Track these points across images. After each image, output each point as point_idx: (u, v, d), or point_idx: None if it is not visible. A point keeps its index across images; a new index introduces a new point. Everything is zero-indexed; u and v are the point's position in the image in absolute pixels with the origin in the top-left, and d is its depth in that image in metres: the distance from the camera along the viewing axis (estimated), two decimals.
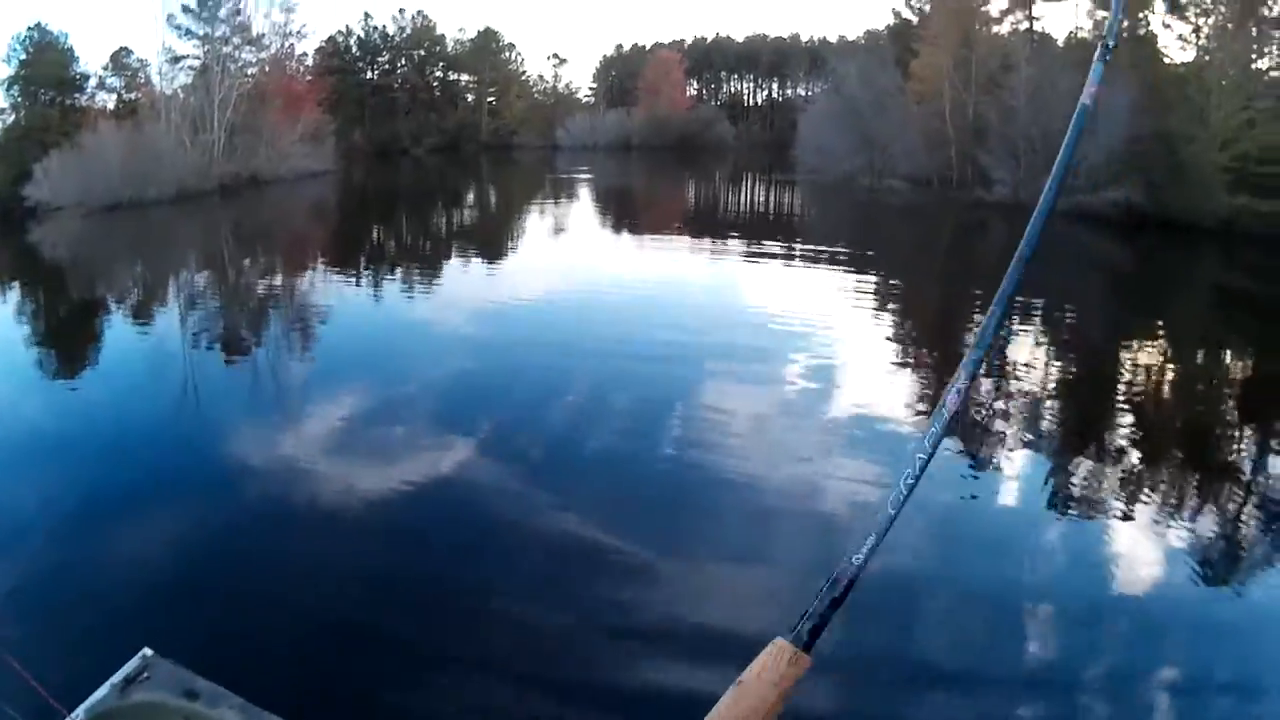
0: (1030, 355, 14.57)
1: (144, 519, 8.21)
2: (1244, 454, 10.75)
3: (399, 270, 24.70)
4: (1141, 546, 7.97)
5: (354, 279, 23.06)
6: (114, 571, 7.20)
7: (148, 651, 2.98)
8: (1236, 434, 11.70)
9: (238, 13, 49.39)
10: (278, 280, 23.32)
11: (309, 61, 63.65)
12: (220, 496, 8.80)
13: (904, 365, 14.54)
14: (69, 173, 34.16)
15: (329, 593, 6.90)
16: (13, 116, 44.43)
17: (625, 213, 40.52)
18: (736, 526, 8.39)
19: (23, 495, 8.73)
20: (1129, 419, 11.76)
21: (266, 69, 51.51)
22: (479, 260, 26.46)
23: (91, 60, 64.34)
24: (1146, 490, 9.28)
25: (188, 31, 48.74)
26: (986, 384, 13.08)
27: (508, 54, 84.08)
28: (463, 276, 23.91)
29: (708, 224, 35.51)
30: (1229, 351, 16.35)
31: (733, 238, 30.44)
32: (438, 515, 8.54)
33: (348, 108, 69.75)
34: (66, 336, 17.11)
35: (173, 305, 19.85)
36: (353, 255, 27.24)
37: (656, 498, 8.95)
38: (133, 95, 50.16)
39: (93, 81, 49.94)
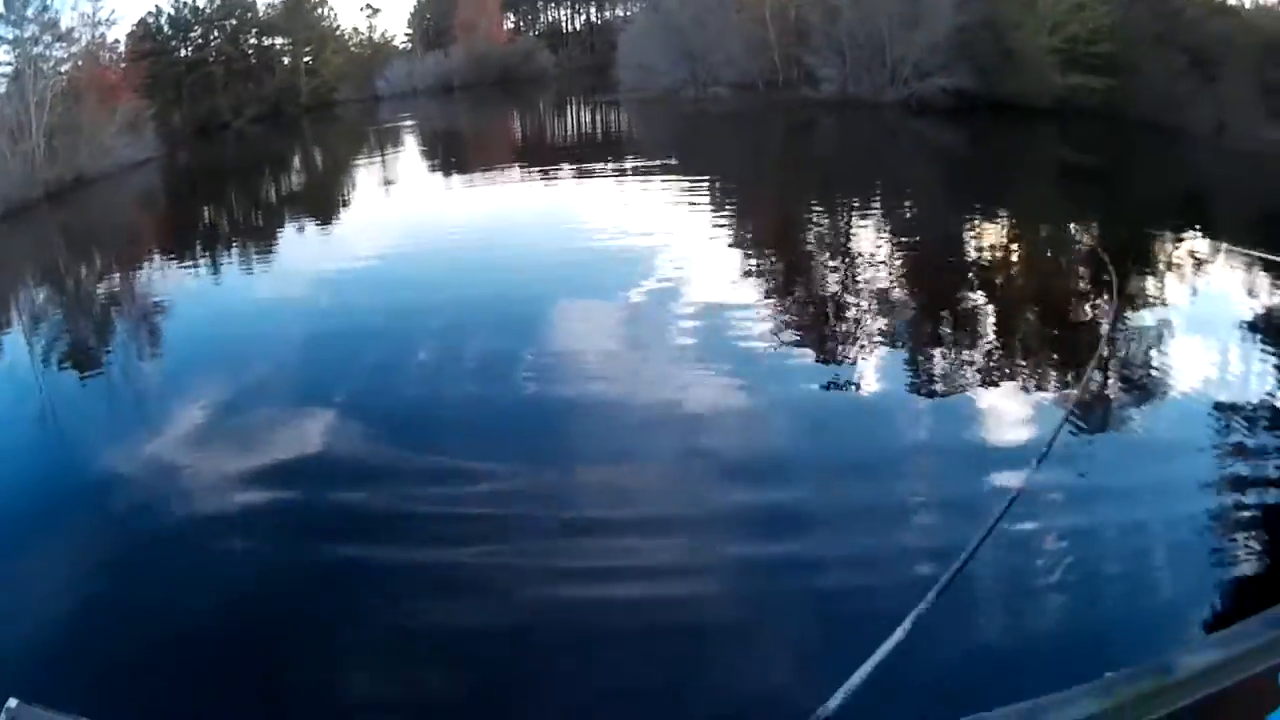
0: (871, 247, 15.56)
1: (17, 554, 8.05)
2: (1092, 317, 11.53)
3: (233, 248, 24.80)
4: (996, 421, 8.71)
5: (190, 265, 22.93)
6: None
7: (12, 703, 2.66)
8: (1083, 299, 12.57)
9: (45, 8, 47.80)
10: (116, 281, 23.05)
11: (120, 49, 61.87)
12: (94, 516, 8.71)
13: (748, 269, 15.23)
14: None
15: (218, 600, 6.94)
16: None
17: (452, 153, 40.91)
18: (603, 441, 9.13)
19: None
20: (975, 297, 12.62)
21: (79, 63, 49.87)
22: (312, 225, 26.68)
23: None
24: (1002, 365, 10.10)
25: None
26: (834, 279, 13.90)
27: (320, 10, 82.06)
28: (298, 244, 24.18)
29: (536, 153, 36.16)
30: (1069, 222, 17.21)
31: (563, 163, 30.86)
32: (311, 490, 8.65)
33: (165, 90, 67.55)
34: None
35: (15, 328, 19.24)
36: (186, 241, 26.91)
37: (523, 429, 9.55)
38: None
39: None
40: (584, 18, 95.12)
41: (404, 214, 25.44)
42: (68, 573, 7.50)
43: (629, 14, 73.53)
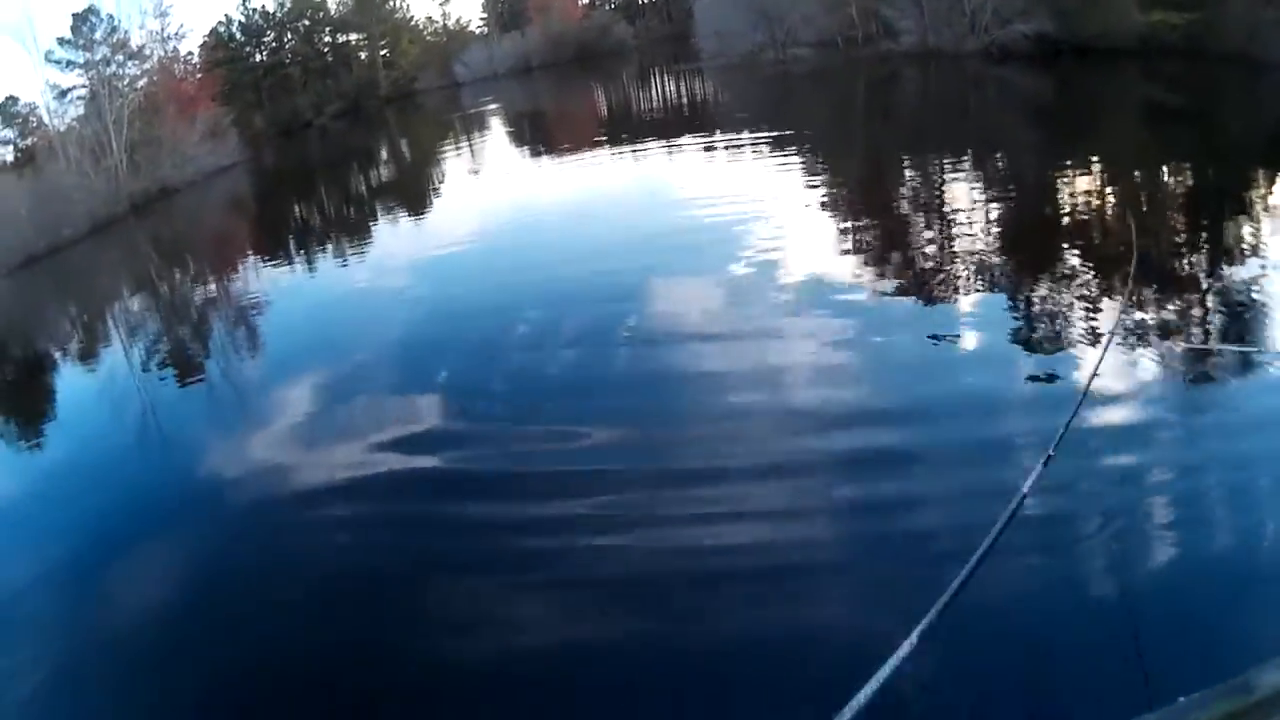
0: (968, 204, 14.46)
1: (139, 559, 8.16)
2: (1199, 263, 10.68)
3: (327, 243, 24.40)
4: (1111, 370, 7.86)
5: (284, 263, 22.71)
6: (133, 616, 7.12)
7: None
8: (1186, 243, 11.60)
9: (113, 31, 48.34)
10: (209, 285, 23.01)
11: (195, 60, 62.77)
12: (203, 516, 8.72)
13: (844, 230, 14.46)
14: None
15: (362, 555, 7.36)
16: None
17: (538, 133, 40.31)
18: (708, 396, 8.92)
19: (15, 564, 8.60)
20: (1077, 248, 11.70)
21: (154, 78, 50.42)
22: (404, 214, 26.23)
23: None
24: (1107, 313, 9.23)
25: (68, 63, 47.91)
26: (929, 235, 13.13)
27: (392, 3, 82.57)
28: (390, 234, 23.77)
29: (622, 127, 35.23)
30: (1164, 165, 16.02)
31: (650, 137, 30.04)
32: (430, 458, 8.69)
33: (243, 95, 68.57)
34: (15, 401, 16.71)
35: (114, 340, 19.43)
36: (278, 239, 26.89)
37: (628, 390, 9.45)
38: (28, 141, 49.26)
39: None
40: None
41: (495, 197, 24.81)
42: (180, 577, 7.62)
43: None
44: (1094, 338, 8.70)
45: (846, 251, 13.20)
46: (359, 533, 7.82)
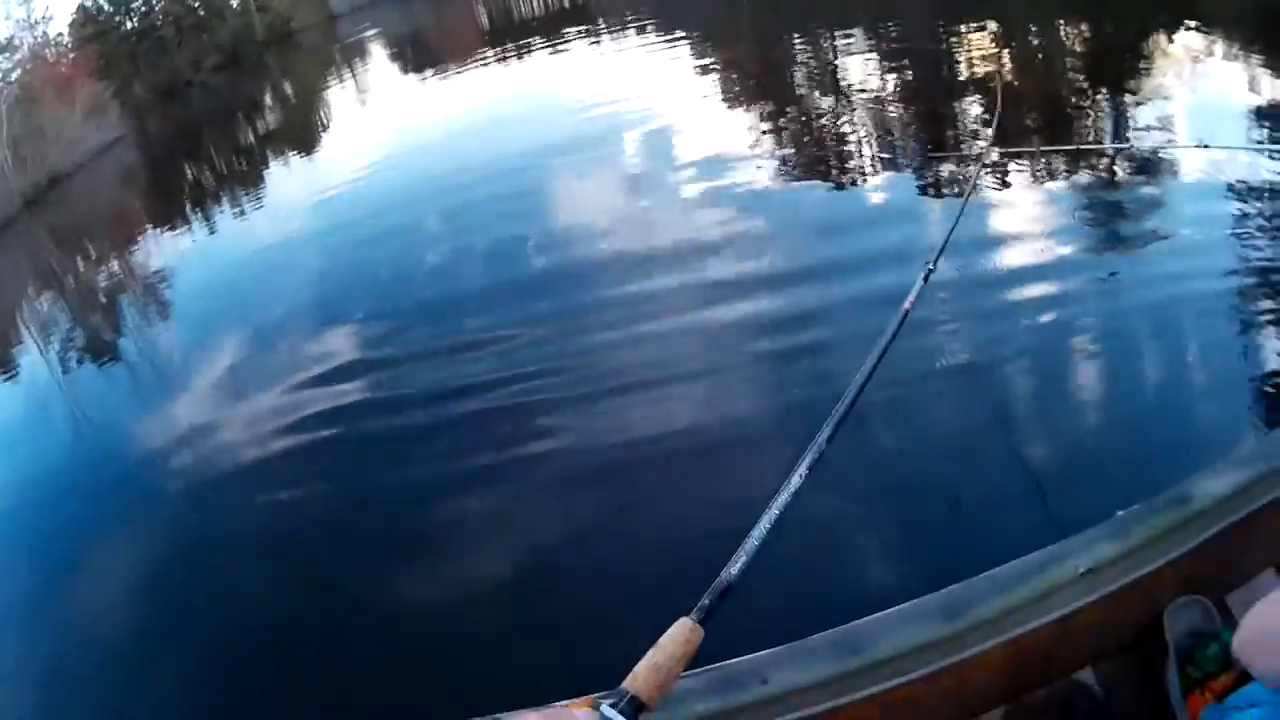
0: (863, 76, 14.52)
1: (75, 550, 8.13)
2: (1098, 114, 11.06)
3: (222, 200, 23.85)
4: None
5: (183, 228, 22.17)
6: (86, 602, 7.22)
7: None
8: (1085, 98, 11.93)
9: None
10: (113, 266, 22.45)
11: (66, 40, 61.10)
12: (142, 495, 8.72)
13: (738, 116, 14.78)
14: None
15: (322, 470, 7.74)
16: None
17: (421, 54, 39.82)
18: (617, 280, 9.46)
19: None
20: (975, 109, 11.90)
21: (28, 67, 49.08)
22: (297, 156, 25.87)
23: None
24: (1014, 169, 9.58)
25: None
26: (827, 110, 13.14)
27: None
28: (286, 178, 23.44)
29: (506, 35, 35.21)
30: (1065, 25, 16.13)
31: (534, 42, 29.96)
32: (354, 407, 8.76)
33: (120, 66, 66.65)
34: None
35: (27, 340, 18.81)
36: (174, 206, 26.10)
37: (542, 292, 9.73)
38: None
39: None
40: None
41: (384, 124, 24.76)
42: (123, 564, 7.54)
43: None
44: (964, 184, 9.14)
45: (740, 131, 13.39)
46: (301, 476, 7.91)
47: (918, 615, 2.46)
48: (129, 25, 74.26)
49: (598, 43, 25.54)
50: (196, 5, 77.40)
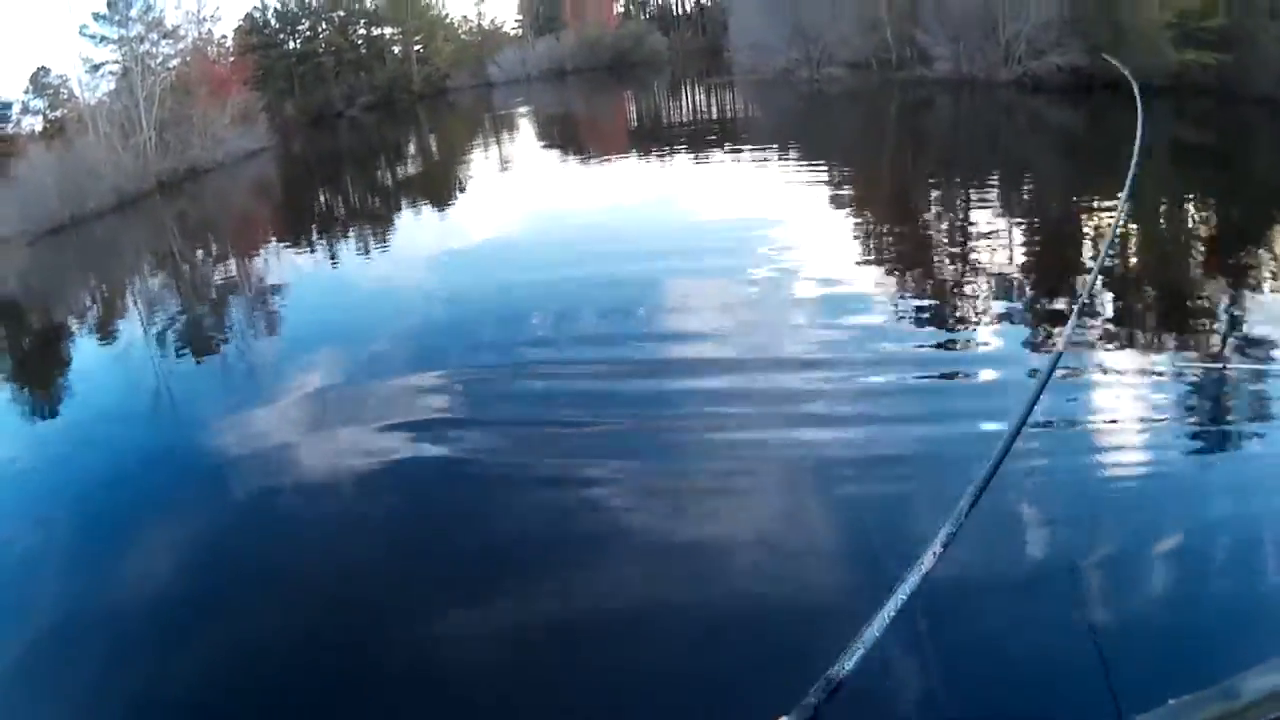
0: (990, 229, 14.46)
1: (145, 527, 8.28)
2: (1220, 301, 10.58)
3: (350, 232, 24.48)
4: (1128, 403, 8.05)
5: (306, 249, 22.77)
6: (134, 584, 7.24)
7: None
8: (1210, 281, 11.53)
9: (149, 9, 48.45)
10: (231, 266, 22.96)
11: (229, 44, 63.06)
12: (209, 495, 8.75)
13: (867, 250, 14.51)
14: (6, 204, 33.40)
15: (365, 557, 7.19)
16: None
17: (568, 138, 40.08)
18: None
19: (19, 531, 8.70)
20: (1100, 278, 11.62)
21: (187, 59, 50.55)
22: (429, 209, 26.23)
23: (10, 87, 63.53)
24: (1130, 347, 9.23)
25: (102, 38, 47.98)
26: (952, 263, 13.10)
27: (427, 0, 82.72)
28: (414, 227, 23.68)
29: (652, 137, 35.13)
30: (1190, 203, 16.03)
31: (679, 148, 29.96)
32: (427, 462, 8.60)
33: (276, 81, 68.75)
34: (34, 370, 16.73)
35: (132, 315, 19.53)
36: (301, 226, 26.87)
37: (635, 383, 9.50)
38: (59, 113, 49.41)
39: (15, 108, 49.42)
40: (694, 0, 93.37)
41: (521, 196, 24.80)
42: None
43: None
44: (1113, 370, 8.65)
45: (864, 266, 13.21)
46: (363, 514, 7.89)
47: None
48: (292, 45, 76.73)
49: (740, 158, 25.71)
50: (360, 43, 79.86)
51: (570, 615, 5.96)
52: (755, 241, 14.39)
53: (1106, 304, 10.49)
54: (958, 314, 10.75)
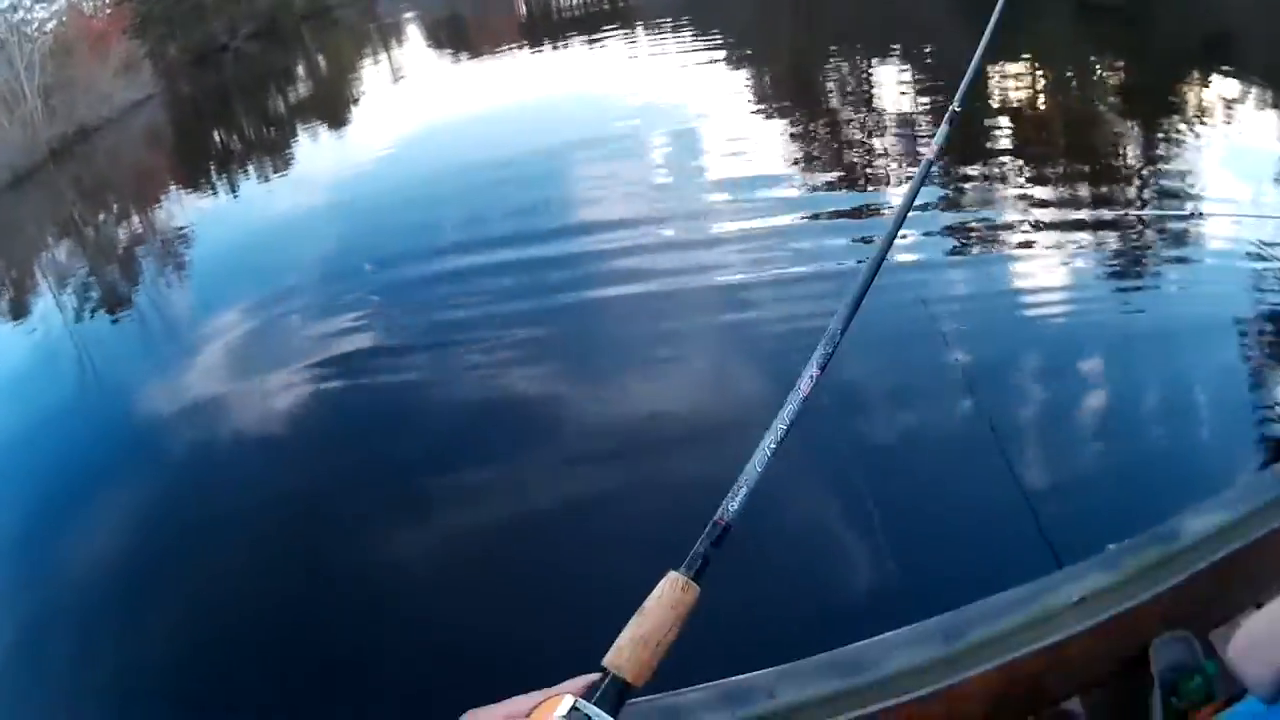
0: (896, 98, 14.46)
1: (93, 496, 8.22)
2: (1127, 159, 10.93)
3: (248, 166, 24.08)
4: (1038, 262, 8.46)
5: (208, 191, 22.33)
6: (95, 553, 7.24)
7: None
8: (1117, 141, 11.86)
9: None
10: (135, 221, 22.56)
11: None
12: (146, 456, 8.81)
13: (769, 120, 14.74)
14: None
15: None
16: None
17: (458, 39, 39.42)
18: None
19: None
20: (1007, 141, 11.87)
21: (63, 20, 49.09)
22: (325, 130, 25.91)
23: None
24: (1036, 209, 9.53)
25: None
26: (858, 133, 13.10)
27: None
28: (312, 151, 23.46)
29: (545, 30, 34.89)
30: (1095, 62, 16.18)
31: (571, 36, 29.88)
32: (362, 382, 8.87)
33: (156, 26, 66.53)
34: None
35: (42, 288, 19.14)
36: (200, 168, 26.18)
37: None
38: None
39: None
40: None
41: (416, 105, 24.65)
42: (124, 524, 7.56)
43: None
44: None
45: (772, 140, 13.25)
46: (302, 447, 8.05)
47: (916, 638, 2.50)
48: None
49: (634, 43, 25.49)
50: None
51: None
52: (655, 123, 14.61)
53: (1003, 158, 10.96)
54: (859, 165, 11.30)
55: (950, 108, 3.32)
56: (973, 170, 10.63)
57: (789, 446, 1.55)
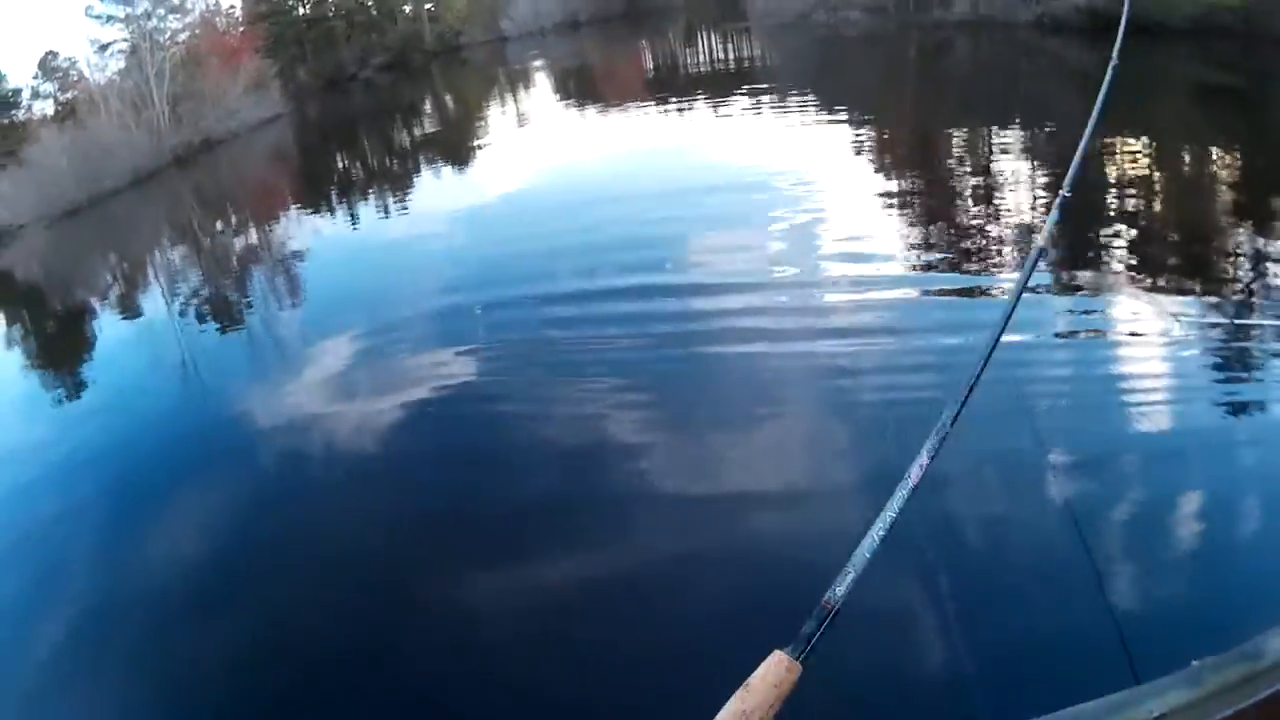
0: (1012, 175, 14.19)
1: (176, 499, 8.36)
2: (1243, 249, 10.37)
3: (369, 194, 24.31)
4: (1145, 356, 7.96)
5: (326, 214, 22.70)
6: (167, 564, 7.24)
7: None
8: (1233, 228, 11.30)
9: None
10: (251, 235, 23.04)
11: (237, 13, 62.97)
12: (239, 465, 8.83)
13: (887, 193, 14.19)
14: (22, 189, 33.64)
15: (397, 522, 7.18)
16: None
17: (584, 90, 39.66)
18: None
19: (46, 508, 8.81)
20: (1121, 225, 11.39)
21: (196, 31, 50.61)
22: (447, 167, 26.09)
23: (20, 74, 63.67)
24: (1146, 292, 9.10)
25: (109, 18, 47.85)
26: (974, 210, 12.85)
27: None
28: (433, 187, 23.61)
29: (670, 86, 34.74)
30: (1215, 148, 15.42)
31: (697, 96, 29.73)
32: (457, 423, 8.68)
33: (287, 48, 68.49)
34: (59, 351, 16.92)
35: (155, 290, 19.62)
36: (320, 191, 26.85)
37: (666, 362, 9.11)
38: (69, 95, 49.42)
39: (25, 94, 49.37)
40: None
41: (539, 151, 24.66)
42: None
43: None
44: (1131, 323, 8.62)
45: (887, 212, 12.94)
46: (396, 476, 7.94)
47: None
48: (301, 11, 76.40)
49: (758, 106, 25.36)
50: (370, 4, 79.42)
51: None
52: (777, 187, 14.24)
53: (1116, 242, 10.60)
54: (970, 245, 10.94)
55: (1060, 192, 3.09)
56: (1082, 254, 10.25)
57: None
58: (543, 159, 22.21)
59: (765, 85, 29.72)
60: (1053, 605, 5.12)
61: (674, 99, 29.39)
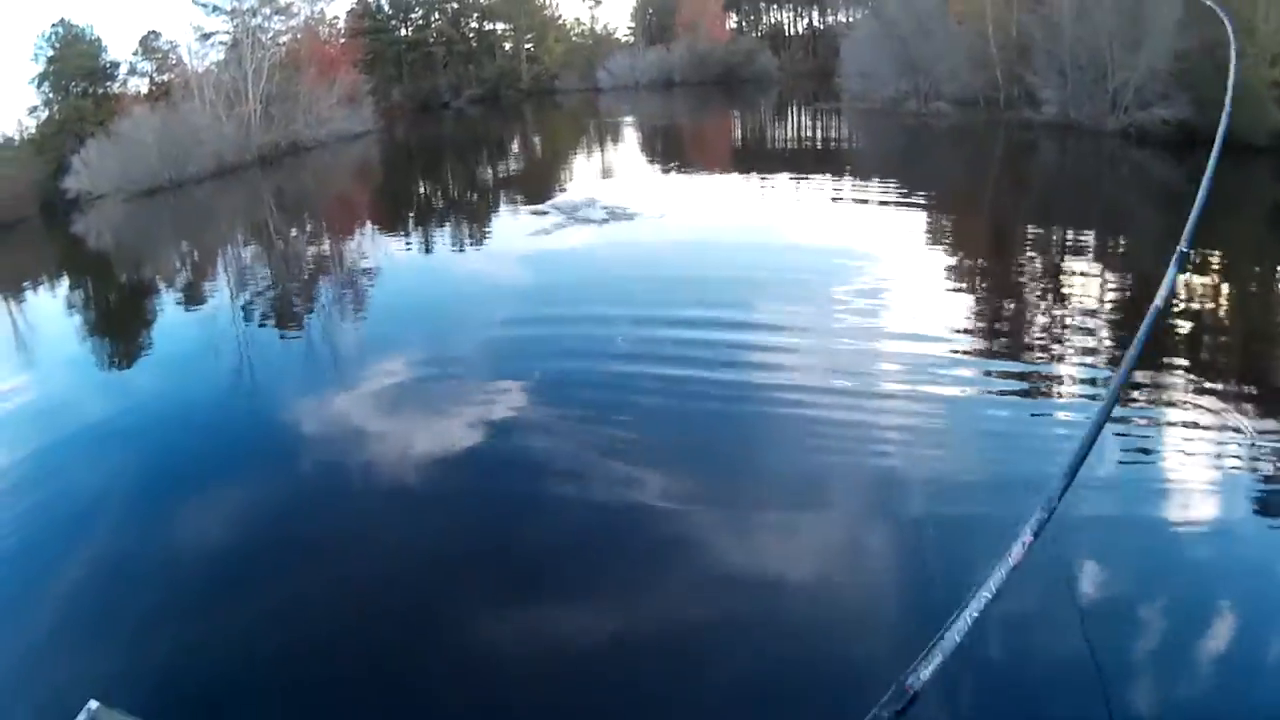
0: (1081, 288, 14.02)
1: (211, 496, 8.36)
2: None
3: (446, 224, 24.48)
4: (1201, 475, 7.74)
5: (400, 237, 22.85)
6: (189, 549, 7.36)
7: (93, 704, 2.91)
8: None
9: None
10: (324, 245, 23.20)
11: (340, 25, 63.99)
12: (278, 467, 8.93)
13: (955, 290, 14.09)
14: (107, 160, 34.30)
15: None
16: (46, 112, 46.08)
17: (671, 151, 39.69)
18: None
19: (85, 481, 8.98)
20: (1186, 345, 11.19)
21: (298, 36, 51.46)
22: (526, 209, 25.76)
23: (121, 48, 65.15)
24: (1208, 414, 8.81)
25: (215, 8, 48.90)
26: (1040, 318, 12.70)
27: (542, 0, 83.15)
28: (512, 224, 23.42)
29: (755, 156, 34.84)
30: None
31: (781, 171, 29.50)
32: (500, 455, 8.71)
33: (385, 67, 69.57)
34: (117, 324, 17.26)
35: (221, 282, 19.83)
36: (398, 212, 27.01)
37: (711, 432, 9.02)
38: (165, 77, 50.32)
39: (123, 69, 50.76)
40: (806, 21, 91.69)
41: (620, 204, 24.30)
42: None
43: (851, 19, 71.07)
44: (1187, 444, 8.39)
45: (952, 312, 12.71)
46: (429, 503, 7.95)
47: None
48: (403, 32, 77.55)
49: (840, 185, 25.36)
50: (471, 36, 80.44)
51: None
52: (847, 273, 14.18)
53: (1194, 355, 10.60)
54: (1039, 351, 10.88)
55: (1177, 248, 2.96)
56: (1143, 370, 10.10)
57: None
58: (619, 215, 22.07)
59: (849, 168, 29.71)
60: None
61: (759, 171, 29.34)
